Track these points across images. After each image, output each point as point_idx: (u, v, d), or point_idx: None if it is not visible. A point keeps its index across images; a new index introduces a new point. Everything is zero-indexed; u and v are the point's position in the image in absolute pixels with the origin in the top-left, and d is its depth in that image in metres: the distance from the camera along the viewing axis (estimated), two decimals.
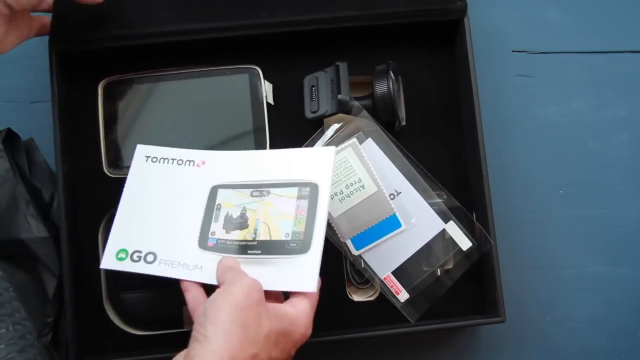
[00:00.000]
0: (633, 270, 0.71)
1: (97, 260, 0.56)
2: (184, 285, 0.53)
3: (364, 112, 0.64)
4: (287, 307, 0.49)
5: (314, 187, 0.55)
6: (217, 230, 0.56)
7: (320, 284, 0.53)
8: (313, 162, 0.56)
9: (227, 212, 0.56)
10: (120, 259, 0.55)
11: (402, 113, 0.67)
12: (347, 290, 0.65)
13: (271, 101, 0.67)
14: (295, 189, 0.55)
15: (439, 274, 0.64)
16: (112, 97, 0.66)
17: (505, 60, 0.74)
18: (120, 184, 0.59)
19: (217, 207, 0.57)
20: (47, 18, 0.63)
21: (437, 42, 0.69)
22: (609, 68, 0.74)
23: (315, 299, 0.51)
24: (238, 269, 0.51)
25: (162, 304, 0.63)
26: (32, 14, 0.62)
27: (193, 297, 0.52)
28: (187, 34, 0.64)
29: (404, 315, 0.64)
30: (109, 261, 0.55)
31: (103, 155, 0.65)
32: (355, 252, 0.63)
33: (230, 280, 0.48)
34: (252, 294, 0.47)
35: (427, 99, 0.69)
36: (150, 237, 0.56)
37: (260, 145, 0.66)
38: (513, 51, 0.74)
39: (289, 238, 0.54)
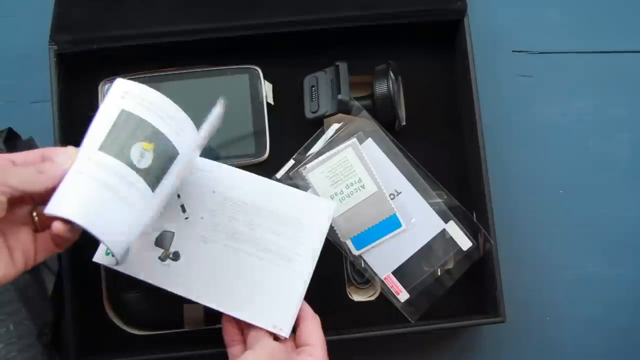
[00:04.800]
0: (633, 271, 0.71)
1: None
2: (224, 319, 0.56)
3: (364, 112, 0.64)
4: (305, 357, 0.52)
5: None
6: None
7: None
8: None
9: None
10: (107, 253, 0.55)
11: (402, 113, 0.67)
12: (347, 290, 0.65)
13: (271, 101, 0.67)
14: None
15: (439, 274, 0.64)
16: None
17: (505, 60, 0.74)
18: None
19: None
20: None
21: (437, 42, 0.69)
22: (609, 68, 0.74)
23: (325, 347, 0.54)
24: (266, 335, 0.54)
25: (162, 304, 0.63)
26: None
27: (230, 335, 0.56)
28: (187, 34, 0.64)
29: (404, 315, 0.64)
30: (99, 256, 0.56)
31: None
32: (355, 252, 0.63)
33: (258, 345, 0.53)
34: (276, 354, 0.51)
35: (427, 99, 0.69)
36: None
37: (260, 146, 0.66)
38: (513, 51, 0.74)
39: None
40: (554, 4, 0.75)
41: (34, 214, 0.48)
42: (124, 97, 0.49)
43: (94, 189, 0.46)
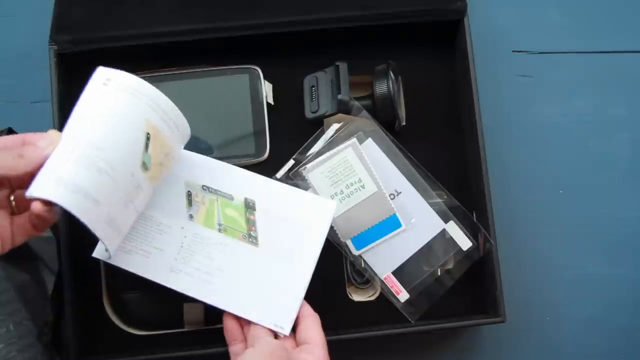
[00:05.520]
0: (633, 271, 0.71)
1: (97, 260, 0.56)
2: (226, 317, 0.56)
3: (364, 112, 0.64)
4: (305, 355, 0.52)
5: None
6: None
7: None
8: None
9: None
10: (107, 250, 0.55)
11: (402, 113, 0.67)
12: (347, 290, 0.65)
13: (271, 101, 0.67)
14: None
15: (439, 274, 0.64)
16: None
17: (505, 60, 0.74)
18: None
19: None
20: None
21: (437, 42, 0.69)
22: (609, 68, 0.74)
23: (325, 346, 0.54)
24: (267, 333, 0.55)
25: (162, 304, 0.63)
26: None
27: (231, 333, 0.56)
28: (187, 34, 0.64)
29: (404, 315, 0.64)
30: (99, 251, 0.56)
31: None
32: (355, 252, 0.63)
33: (259, 343, 0.53)
34: (276, 351, 0.51)
35: (427, 99, 0.69)
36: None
37: (260, 146, 0.66)
38: (513, 51, 0.74)
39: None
40: (554, 4, 0.75)
41: (12, 197, 0.48)
42: (106, 84, 0.49)
43: (76, 168, 0.46)
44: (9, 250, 0.48)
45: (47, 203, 0.45)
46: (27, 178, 0.46)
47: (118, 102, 0.49)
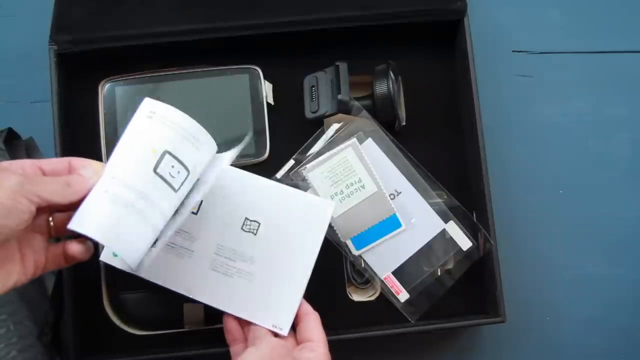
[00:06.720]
0: (633, 271, 0.71)
1: (97, 260, 0.56)
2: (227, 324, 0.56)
3: (364, 112, 0.64)
4: (306, 353, 0.53)
5: None
6: None
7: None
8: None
9: None
10: (115, 255, 0.55)
11: (402, 113, 0.67)
12: (347, 290, 0.65)
13: (271, 101, 0.67)
14: None
15: (439, 274, 0.64)
16: (112, 97, 0.66)
17: (505, 60, 0.74)
18: None
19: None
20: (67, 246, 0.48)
21: (437, 42, 0.69)
22: (609, 68, 0.74)
23: (326, 343, 0.54)
24: (267, 332, 0.55)
25: (162, 304, 0.63)
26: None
27: (231, 334, 0.56)
28: (187, 34, 0.64)
29: (404, 315, 0.64)
30: (106, 255, 0.56)
31: (103, 155, 0.65)
32: (355, 252, 0.63)
33: (260, 342, 0.53)
34: (277, 349, 0.51)
35: (427, 99, 0.69)
36: None
37: (260, 146, 0.66)
38: (513, 51, 0.74)
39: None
40: (554, 4, 0.75)
41: (50, 219, 0.48)
42: (150, 117, 0.49)
43: (116, 209, 0.46)
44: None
45: (86, 239, 0.46)
46: (70, 204, 0.46)
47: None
